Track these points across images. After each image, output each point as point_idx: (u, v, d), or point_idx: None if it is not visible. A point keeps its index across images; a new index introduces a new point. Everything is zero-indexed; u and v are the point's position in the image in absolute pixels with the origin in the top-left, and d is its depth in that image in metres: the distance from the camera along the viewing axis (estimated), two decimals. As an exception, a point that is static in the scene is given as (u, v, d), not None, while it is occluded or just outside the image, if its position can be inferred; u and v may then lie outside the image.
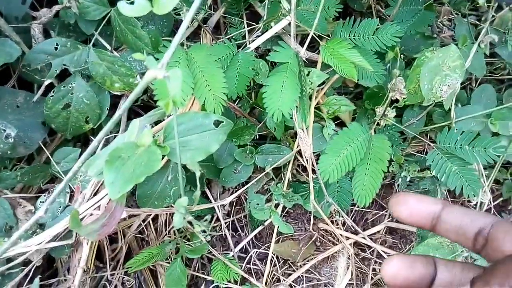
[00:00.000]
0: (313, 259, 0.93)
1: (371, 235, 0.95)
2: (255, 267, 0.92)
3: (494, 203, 0.93)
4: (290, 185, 0.86)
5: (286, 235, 0.94)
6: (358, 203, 0.61)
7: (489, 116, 0.75)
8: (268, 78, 0.58)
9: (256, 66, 0.72)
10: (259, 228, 0.90)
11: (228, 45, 0.69)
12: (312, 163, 0.72)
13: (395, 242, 0.96)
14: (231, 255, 0.88)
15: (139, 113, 0.82)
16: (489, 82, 0.95)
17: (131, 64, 0.68)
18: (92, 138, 0.75)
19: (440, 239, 0.74)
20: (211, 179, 0.86)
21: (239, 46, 0.75)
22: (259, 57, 0.83)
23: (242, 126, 0.76)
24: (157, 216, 0.87)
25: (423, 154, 0.86)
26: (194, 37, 0.83)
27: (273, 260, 0.92)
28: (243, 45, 0.76)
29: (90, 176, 0.63)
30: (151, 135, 0.51)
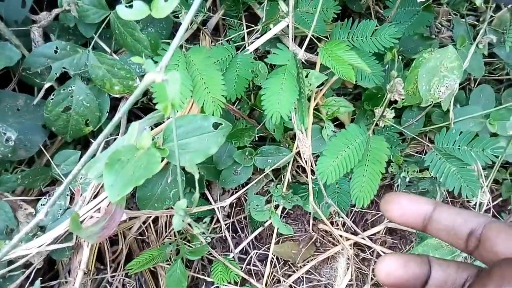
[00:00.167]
0: (313, 260, 0.93)
1: (371, 235, 0.95)
2: (255, 268, 0.92)
3: (494, 203, 0.93)
4: (289, 186, 0.86)
5: (286, 236, 0.94)
6: (356, 205, 0.61)
7: (487, 116, 0.75)
8: (267, 80, 0.58)
9: (255, 68, 0.72)
10: (259, 229, 0.90)
11: (226, 47, 0.69)
12: (311, 164, 0.72)
13: (395, 242, 0.96)
14: (231, 256, 0.88)
15: (139, 115, 0.83)
16: (488, 82, 0.95)
17: (130, 66, 0.68)
18: (92, 140, 0.76)
19: (439, 240, 0.74)
20: (211, 180, 0.86)
21: (238, 48, 0.75)
22: (258, 58, 0.83)
23: (241, 128, 0.76)
24: (157, 218, 0.87)
25: (422, 155, 0.86)
26: (194, 39, 0.84)
27: (273, 261, 0.92)
28: (242, 47, 0.76)
29: (90, 178, 0.64)
30: (150, 138, 0.51)
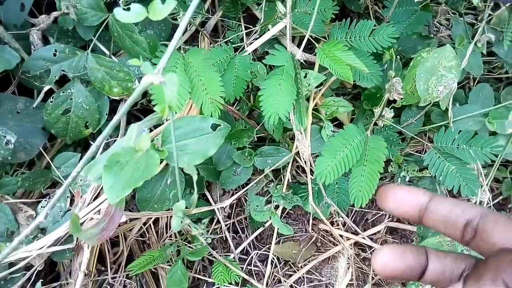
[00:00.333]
0: (313, 260, 0.93)
1: (371, 235, 0.96)
2: (256, 268, 0.93)
3: (494, 202, 0.93)
4: (289, 186, 0.86)
5: (287, 236, 0.94)
6: (355, 204, 0.61)
7: (486, 115, 0.75)
8: (264, 81, 0.58)
9: (253, 69, 0.72)
10: (259, 230, 0.90)
11: (225, 48, 0.69)
12: (311, 165, 0.72)
13: (395, 241, 0.96)
14: (232, 257, 0.88)
15: (138, 117, 0.83)
16: (487, 81, 0.95)
17: (129, 69, 0.69)
18: (92, 142, 0.76)
19: (440, 238, 0.74)
20: (211, 181, 0.87)
21: (237, 49, 0.75)
22: (257, 59, 0.83)
23: (240, 129, 0.76)
24: (158, 219, 0.88)
25: (422, 154, 0.85)
26: (193, 40, 0.84)
27: (273, 261, 0.92)
28: (241, 48, 0.77)
29: (90, 180, 0.64)
30: (149, 140, 0.51)
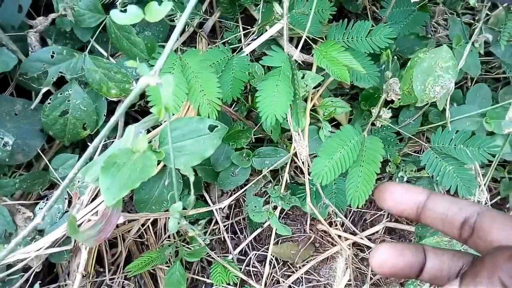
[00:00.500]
0: (312, 260, 0.93)
1: (370, 235, 0.96)
2: (255, 269, 0.93)
3: (492, 202, 0.93)
4: (288, 187, 0.86)
5: (285, 237, 0.94)
6: (351, 205, 0.61)
7: (484, 115, 0.75)
8: (261, 82, 0.59)
9: (251, 70, 0.72)
10: (258, 231, 0.90)
11: (222, 49, 0.69)
12: (308, 165, 0.72)
13: (393, 242, 0.96)
14: (230, 257, 0.88)
15: (136, 118, 0.83)
16: (485, 81, 0.95)
17: (127, 70, 0.69)
18: (89, 144, 0.76)
19: (438, 238, 0.74)
20: (209, 182, 0.87)
21: (235, 50, 0.75)
22: (255, 60, 0.83)
23: (238, 130, 0.76)
24: (156, 220, 0.88)
25: (420, 154, 0.85)
26: (191, 42, 0.84)
27: (272, 262, 0.92)
28: (239, 48, 0.77)
29: (87, 182, 0.64)
30: (146, 141, 0.51)
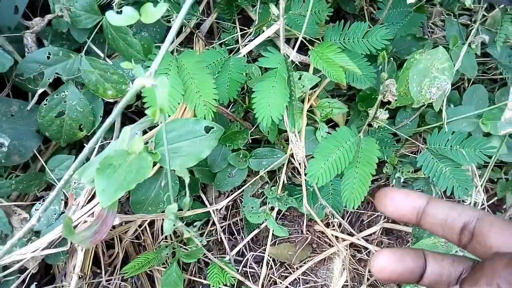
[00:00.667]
0: (309, 261, 0.93)
1: (367, 236, 0.96)
2: (252, 270, 0.92)
3: (489, 203, 0.93)
4: (285, 188, 0.86)
5: (283, 238, 0.94)
6: (347, 206, 0.61)
7: (480, 116, 0.75)
8: (257, 83, 0.59)
9: (248, 71, 0.72)
10: (255, 231, 0.90)
11: (219, 50, 0.69)
12: (305, 166, 0.72)
13: (391, 243, 0.97)
14: (228, 258, 0.88)
15: (133, 119, 0.83)
16: (482, 82, 0.95)
17: (123, 71, 0.69)
18: (86, 145, 0.76)
19: (434, 239, 0.74)
20: (206, 183, 0.87)
21: (233, 50, 0.75)
22: (252, 61, 0.83)
23: (235, 131, 0.76)
24: (153, 221, 0.87)
25: (417, 155, 0.86)
26: (188, 42, 0.84)
27: (269, 263, 0.92)
28: (236, 49, 0.76)
29: (83, 183, 0.64)
30: (142, 142, 0.51)
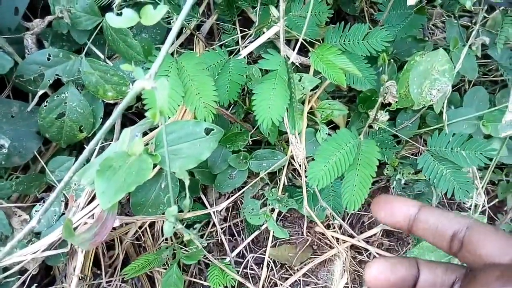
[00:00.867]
0: (310, 262, 0.93)
1: (367, 238, 0.95)
2: (252, 271, 0.92)
3: (490, 204, 0.93)
4: (285, 189, 0.86)
5: (283, 239, 0.94)
6: (347, 209, 0.61)
7: (481, 118, 0.75)
8: (258, 85, 0.58)
9: (248, 72, 0.72)
10: (255, 233, 0.90)
11: (219, 52, 0.69)
12: (306, 168, 0.72)
13: (391, 244, 0.96)
14: (228, 260, 0.88)
15: (134, 120, 0.83)
16: (482, 83, 0.95)
17: (123, 72, 0.69)
18: (86, 146, 0.76)
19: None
20: (207, 184, 0.87)
21: (233, 52, 0.75)
22: (253, 62, 0.83)
23: (235, 132, 0.76)
24: (154, 223, 0.87)
25: (417, 157, 0.85)
26: (188, 43, 0.84)
27: (269, 265, 0.92)
28: (236, 50, 0.76)
29: (83, 185, 0.64)
30: (142, 144, 0.51)
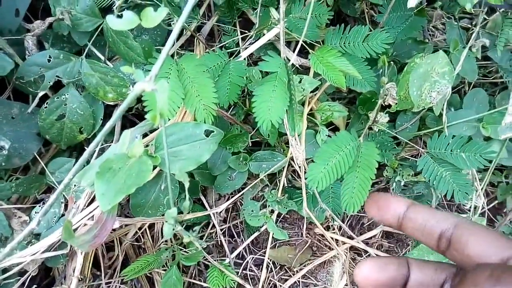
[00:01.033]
0: (309, 264, 0.93)
1: (367, 239, 0.95)
2: (252, 273, 0.92)
3: (489, 206, 0.93)
4: (285, 191, 0.86)
5: (283, 241, 0.94)
6: (346, 211, 0.61)
7: (481, 120, 0.75)
8: (258, 87, 0.59)
9: (248, 74, 0.72)
10: (255, 234, 0.90)
11: (219, 54, 0.69)
12: (305, 170, 0.72)
13: (391, 246, 0.96)
14: (227, 261, 0.88)
15: (134, 121, 0.83)
16: (482, 85, 0.95)
17: (124, 74, 0.69)
18: (87, 148, 0.76)
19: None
20: (207, 186, 0.87)
21: (233, 53, 0.75)
22: (253, 64, 0.84)
23: (235, 134, 0.76)
24: (153, 224, 0.87)
25: (417, 159, 0.85)
26: (189, 45, 0.84)
27: (269, 266, 0.92)
28: (237, 52, 0.77)
29: (83, 186, 0.64)
30: (141, 146, 0.51)
